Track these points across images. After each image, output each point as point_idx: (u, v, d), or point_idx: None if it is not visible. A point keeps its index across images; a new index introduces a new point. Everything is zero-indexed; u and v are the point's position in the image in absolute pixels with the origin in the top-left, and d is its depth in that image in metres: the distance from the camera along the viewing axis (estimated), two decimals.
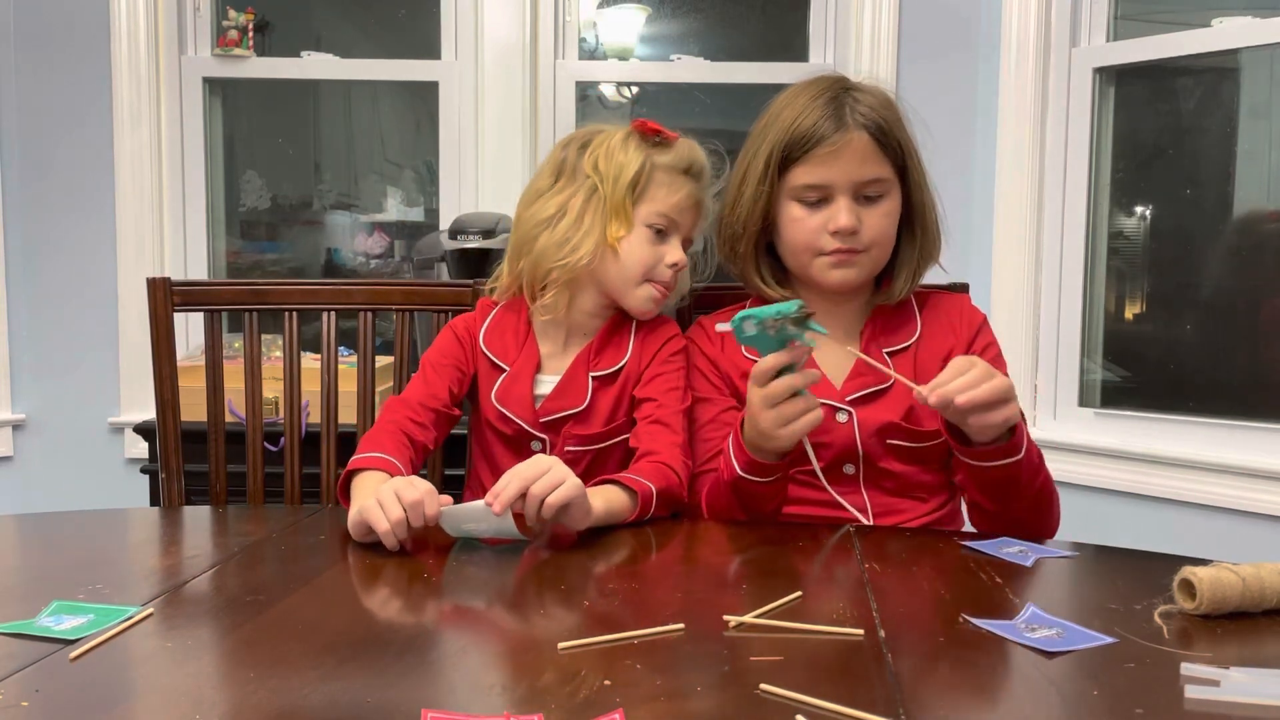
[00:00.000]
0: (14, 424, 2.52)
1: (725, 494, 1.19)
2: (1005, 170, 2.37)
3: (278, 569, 1.01)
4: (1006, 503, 1.16)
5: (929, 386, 1.05)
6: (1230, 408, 2.17)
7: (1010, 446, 1.11)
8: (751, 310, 1.07)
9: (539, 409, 1.30)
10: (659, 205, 1.29)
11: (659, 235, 1.30)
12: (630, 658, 0.75)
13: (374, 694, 0.68)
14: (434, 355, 1.36)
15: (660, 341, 1.33)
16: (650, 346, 1.33)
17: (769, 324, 1.05)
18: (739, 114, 2.73)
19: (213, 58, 2.57)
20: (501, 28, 2.50)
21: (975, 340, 1.30)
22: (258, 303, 1.52)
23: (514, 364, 1.33)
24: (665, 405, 1.27)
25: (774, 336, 1.07)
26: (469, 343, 1.36)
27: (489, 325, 1.36)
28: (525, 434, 1.31)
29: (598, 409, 1.31)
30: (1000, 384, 1.05)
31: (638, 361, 1.32)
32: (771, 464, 1.14)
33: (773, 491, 1.18)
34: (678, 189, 1.30)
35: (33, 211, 2.50)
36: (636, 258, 1.29)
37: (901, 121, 1.26)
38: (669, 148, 1.31)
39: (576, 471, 1.26)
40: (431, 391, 1.32)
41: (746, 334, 1.07)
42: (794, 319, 1.05)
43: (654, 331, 1.35)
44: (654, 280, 1.30)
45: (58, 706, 0.67)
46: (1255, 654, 0.78)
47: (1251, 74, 2.24)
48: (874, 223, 1.24)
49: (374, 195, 2.87)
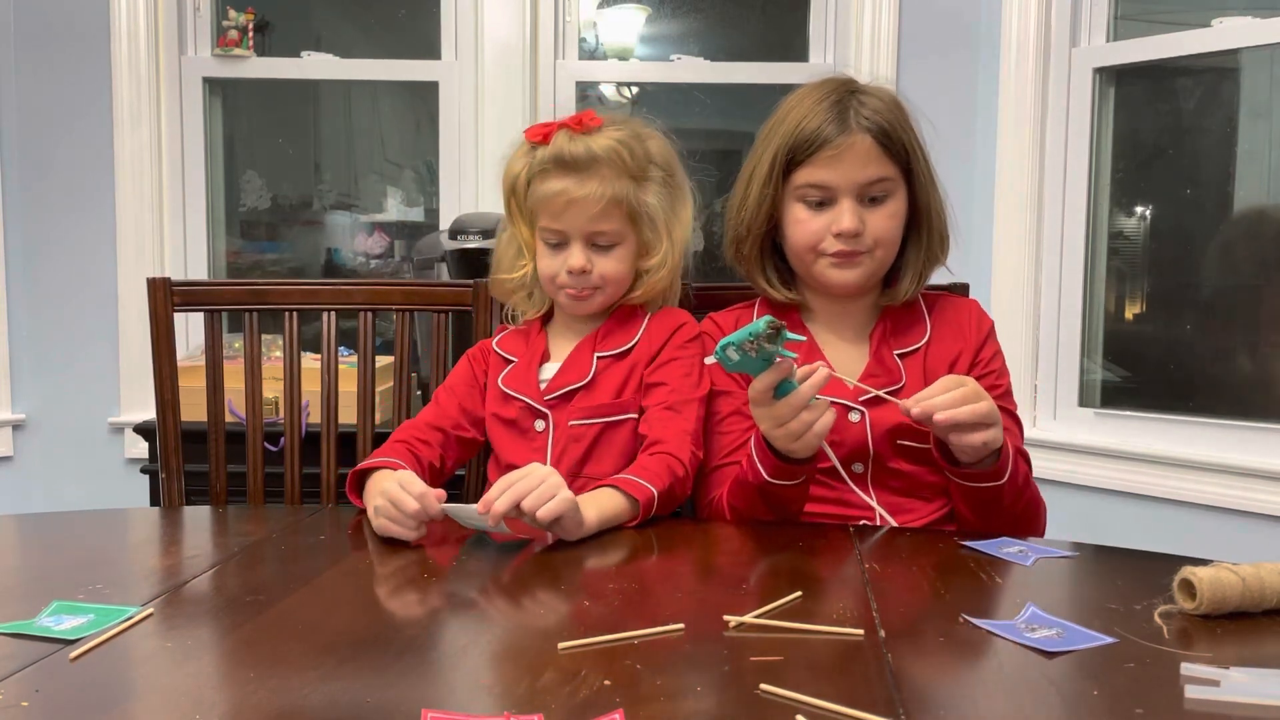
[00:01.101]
0: (14, 424, 2.52)
1: (751, 495, 1.20)
2: (1005, 170, 2.37)
3: (278, 569, 1.01)
4: (987, 518, 1.18)
5: (914, 399, 1.08)
6: (1230, 408, 2.17)
7: (992, 471, 1.13)
8: (727, 337, 1.06)
9: (544, 388, 1.31)
10: (542, 218, 1.29)
11: (554, 246, 1.29)
12: (630, 658, 0.75)
13: (374, 694, 0.68)
14: (447, 380, 1.38)
15: (672, 327, 1.33)
16: (662, 332, 1.32)
17: (746, 347, 1.05)
18: (739, 114, 2.73)
19: (213, 58, 2.57)
20: (501, 28, 2.50)
21: (984, 347, 1.31)
22: (258, 303, 1.52)
23: (523, 356, 1.35)
24: (678, 391, 1.27)
25: (756, 358, 1.06)
26: (482, 358, 1.38)
27: (506, 334, 1.39)
28: (529, 412, 1.31)
29: (603, 383, 1.30)
30: (983, 408, 1.07)
31: (649, 344, 1.32)
32: (798, 467, 1.15)
33: (800, 494, 1.19)
34: (550, 193, 1.26)
35: (33, 211, 2.50)
36: (542, 269, 1.31)
37: (908, 122, 1.26)
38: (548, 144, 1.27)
39: (581, 448, 1.27)
40: (441, 412, 1.33)
41: (732, 361, 1.07)
42: (766, 336, 1.04)
43: (667, 317, 1.34)
44: (564, 287, 1.30)
45: (58, 706, 0.67)
46: (1255, 654, 0.78)
47: (1251, 74, 2.24)
48: (878, 224, 1.24)
49: (374, 195, 2.87)
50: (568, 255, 1.28)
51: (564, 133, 1.27)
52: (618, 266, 1.30)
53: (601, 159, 1.25)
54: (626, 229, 1.29)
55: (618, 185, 1.26)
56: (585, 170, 1.25)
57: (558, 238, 1.28)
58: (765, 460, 1.15)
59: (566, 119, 1.28)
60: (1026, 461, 1.25)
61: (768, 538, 1.13)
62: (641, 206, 1.28)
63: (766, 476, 1.16)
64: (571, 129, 1.27)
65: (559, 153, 1.26)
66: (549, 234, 1.29)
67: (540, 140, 1.28)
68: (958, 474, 1.16)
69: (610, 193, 1.25)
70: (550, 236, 1.29)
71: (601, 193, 1.25)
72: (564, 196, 1.25)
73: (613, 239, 1.28)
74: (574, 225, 1.27)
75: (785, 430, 1.09)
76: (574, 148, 1.25)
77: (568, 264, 1.27)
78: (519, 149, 1.32)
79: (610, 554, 1.06)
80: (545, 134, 1.28)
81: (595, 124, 1.27)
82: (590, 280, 1.28)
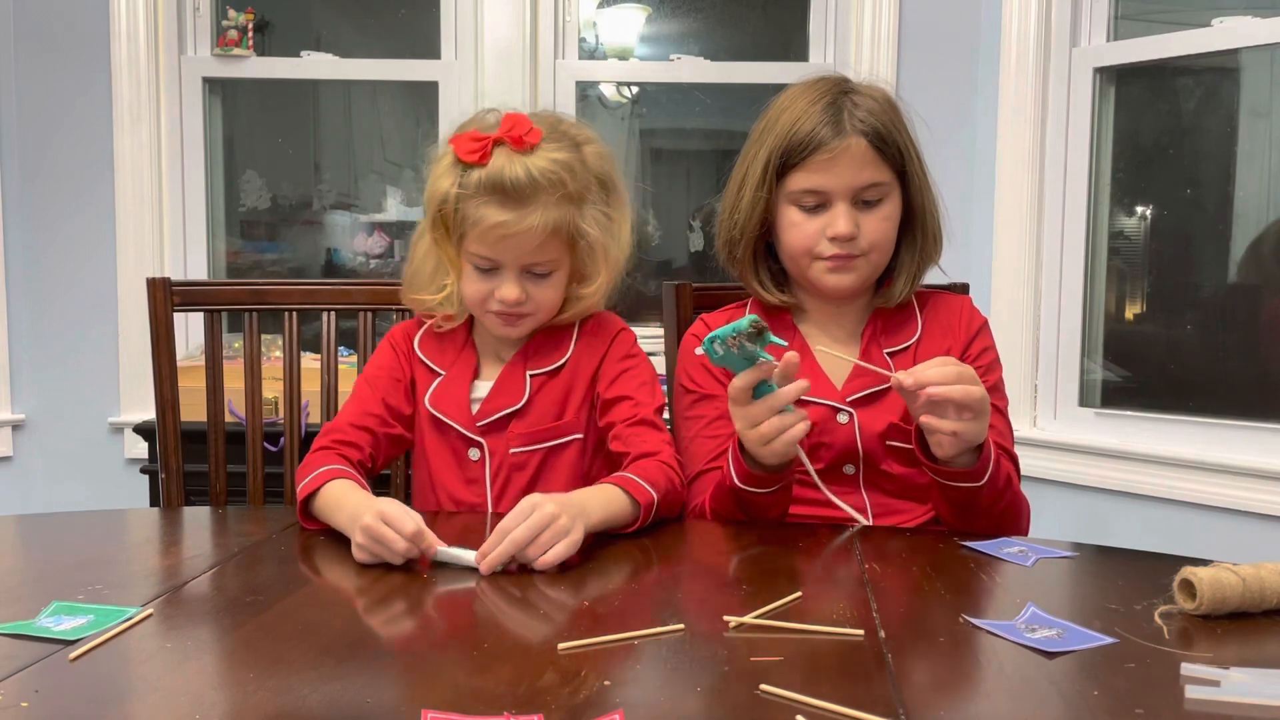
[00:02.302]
0: (14, 424, 2.51)
1: (728, 499, 1.19)
2: (1005, 170, 2.37)
3: (277, 569, 1.01)
4: (965, 519, 1.16)
5: (907, 372, 1.05)
6: (1230, 408, 2.17)
7: (971, 472, 1.11)
8: (715, 331, 1.05)
9: (476, 413, 1.26)
10: (472, 242, 1.19)
11: (485, 272, 1.21)
12: (630, 658, 0.75)
13: (374, 694, 0.68)
14: (369, 371, 1.31)
15: (609, 337, 1.28)
16: (598, 344, 1.28)
17: (730, 342, 1.03)
18: (739, 114, 2.73)
19: (212, 58, 2.57)
20: (501, 27, 2.50)
21: (973, 343, 1.30)
22: (257, 303, 1.52)
23: (450, 368, 1.29)
24: (644, 404, 1.24)
25: (739, 355, 1.04)
26: (405, 349, 1.31)
27: (426, 330, 1.32)
28: (462, 440, 1.27)
29: (539, 406, 1.26)
30: (976, 392, 1.05)
31: (588, 359, 1.27)
32: (769, 475, 1.14)
33: (773, 501, 1.18)
34: (486, 223, 1.16)
35: (33, 211, 2.50)
36: (467, 291, 1.23)
37: (902, 123, 1.25)
38: (485, 165, 1.16)
39: (526, 475, 1.24)
40: (363, 409, 1.27)
41: (717, 355, 1.05)
42: (747, 335, 1.03)
43: (600, 327, 1.29)
44: (493, 312, 1.23)
45: (58, 706, 0.67)
46: (1255, 654, 0.78)
47: (1251, 74, 2.24)
48: (872, 227, 1.23)
49: (374, 195, 2.87)
50: (499, 283, 1.20)
51: (503, 152, 1.16)
52: (553, 294, 1.23)
53: (542, 185, 1.15)
54: (564, 255, 1.21)
55: (558, 213, 1.17)
56: (525, 200, 1.15)
57: (489, 264, 1.20)
58: (739, 467, 1.14)
59: (502, 131, 1.16)
60: (1014, 463, 1.24)
61: (768, 538, 1.13)
62: (581, 236, 1.20)
63: (738, 482, 1.15)
64: (512, 147, 1.16)
65: (497, 178, 1.15)
66: (480, 260, 1.20)
67: (476, 161, 1.16)
68: (936, 471, 1.13)
69: (551, 222, 1.16)
70: (481, 263, 1.20)
71: (543, 224, 1.16)
72: (501, 230, 1.16)
73: (549, 267, 1.21)
74: (510, 257, 1.19)
75: (757, 433, 1.08)
76: (514, 171, 1.14)
77: (500, 293, 1.19)
78: (444, 159, 1.20)
79: (610, 554, 1.05)
80: (480, 153, 1.16)
81: (535, 140, 1.17)
82: (523, 307, 1.21)
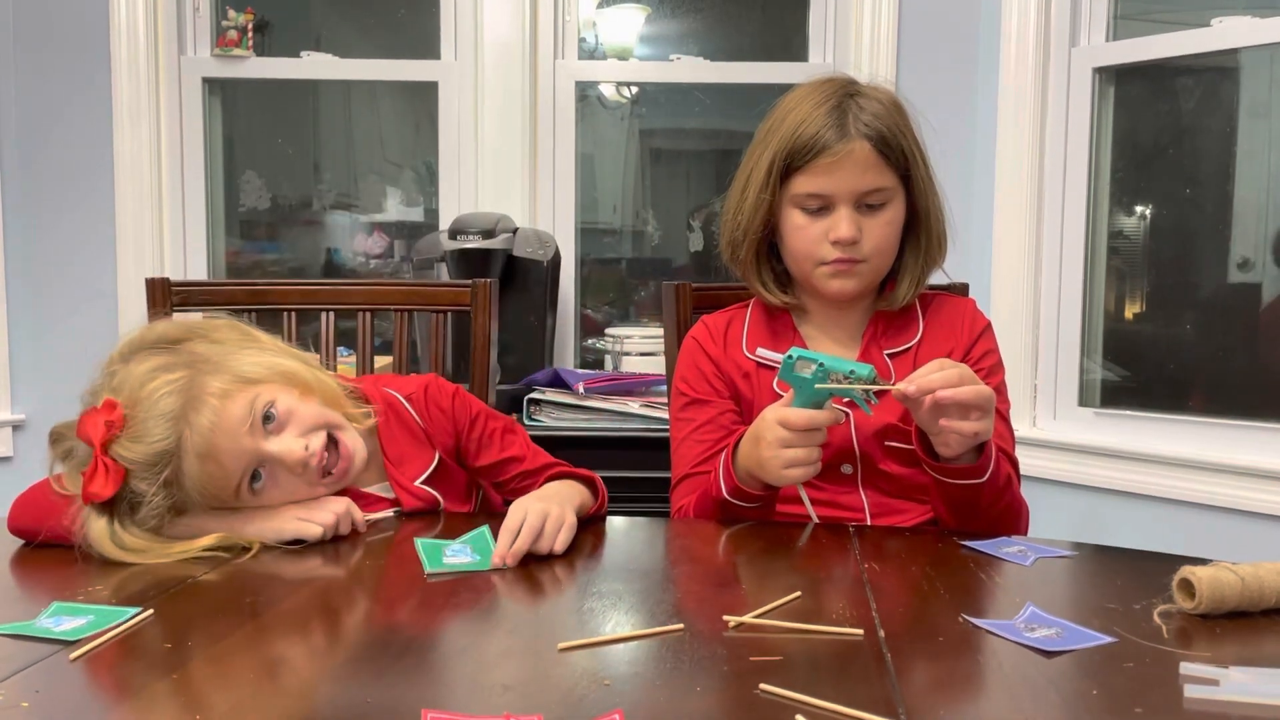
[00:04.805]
0: (14, 424, 2.51)
1: (713, 508, 1.20)
2: (1005, 170, 2.37)
3: (278, 569, 1.01)
4: (964, 518, 1.16)
5: (908, 379, 1.05)
6: (1230, 408, 2.17)
7: (974, 469, 1.11)
8: (816, 354, 1.05)
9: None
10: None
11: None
12: (630, 658, 0.75)
13: (374, 694, 0.68)
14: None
15: (413, 414, 1.22)
16: (404, 428, 1.21)
17: (833, 379, 1.04)
18: (738, 114, 2.73)
19: (212, 58, 2.57)
20: (501, 27, 2.50)
21: (975, 345, 1.29)
22: (257, 303, 1.52)
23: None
24: (529, 457, 1.24)
25: (812, 388, 1.05)
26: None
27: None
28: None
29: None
30: (984, 390, 1.05)
31: (418, 442, 1.21)
32: (759, 493, 1.16)
33: (760, 513, 1.19)
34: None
35: (33, 211, 2.50)
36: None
37: (908, 125, 1.24)
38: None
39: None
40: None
41: (797, 373, 1.06)
42: (866, 381, 1.04)
43: (394, 415, 1.21)
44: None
45: (58, 707, 0.67)
46: (1255, 653, 0.78)
47: (1251, 74, 2.24)
48: (875, 232, 1.22)
49: (374, 195, 2.88)
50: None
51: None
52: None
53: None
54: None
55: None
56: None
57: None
58: (729, 482, 1.16)
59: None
60: (1014, 465, 1.23)
61: (768, 538, 1.13)
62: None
63: (726, 495, 1.17)
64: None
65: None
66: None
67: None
68: (938, 469, 1.13)
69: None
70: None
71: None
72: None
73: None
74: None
75: (787, 455, 1.09)
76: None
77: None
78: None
79: (610, 554, 1.05)
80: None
81: None
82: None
